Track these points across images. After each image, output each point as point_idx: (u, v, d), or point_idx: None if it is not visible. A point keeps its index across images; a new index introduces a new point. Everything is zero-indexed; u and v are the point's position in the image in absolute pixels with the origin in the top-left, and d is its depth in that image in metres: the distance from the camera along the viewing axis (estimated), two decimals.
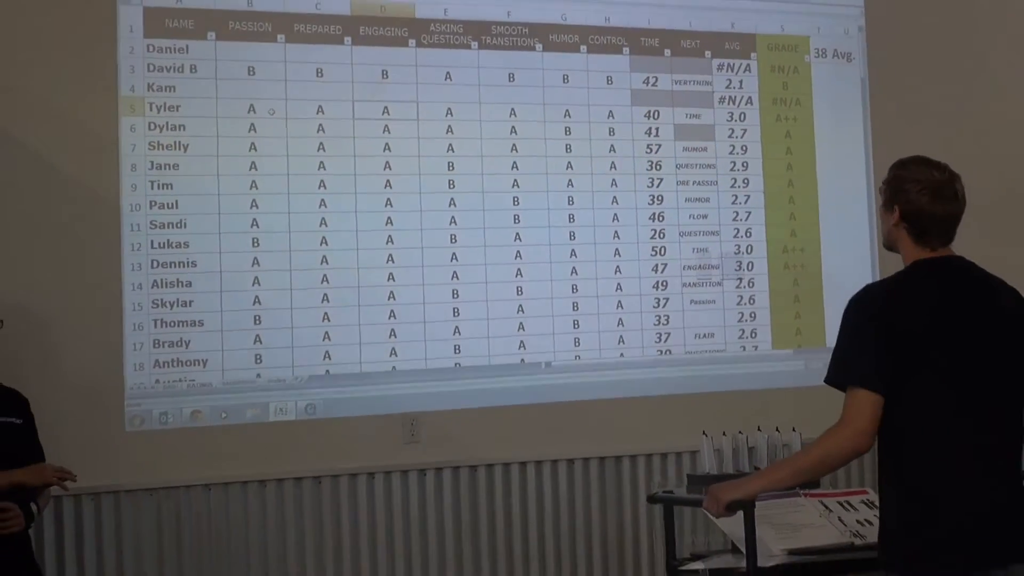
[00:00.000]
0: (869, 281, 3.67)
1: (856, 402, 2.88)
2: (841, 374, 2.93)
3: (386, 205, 4.61)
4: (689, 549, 4.23)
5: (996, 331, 2.98)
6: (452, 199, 4.72)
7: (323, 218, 4.56)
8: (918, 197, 2.95)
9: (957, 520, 2.83)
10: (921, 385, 2.90)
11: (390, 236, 4.58)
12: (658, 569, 4.54)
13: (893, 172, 3.07)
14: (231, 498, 4.38)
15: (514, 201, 4.83)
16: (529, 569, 4.89)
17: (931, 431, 2.90)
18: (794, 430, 4.00)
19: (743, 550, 3.35)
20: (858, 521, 3.53)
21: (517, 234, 4.83)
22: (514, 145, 4.83)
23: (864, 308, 3.00)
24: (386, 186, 4.61)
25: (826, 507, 3.62)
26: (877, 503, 3.12)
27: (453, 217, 4.69)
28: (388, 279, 4.59)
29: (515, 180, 4.84)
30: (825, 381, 2.94)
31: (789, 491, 3.50)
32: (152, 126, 4.28)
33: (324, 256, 4.53)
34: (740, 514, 3.24)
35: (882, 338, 2.89)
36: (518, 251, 4.81)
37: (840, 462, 3.08)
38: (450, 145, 4.71)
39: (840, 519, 3.57)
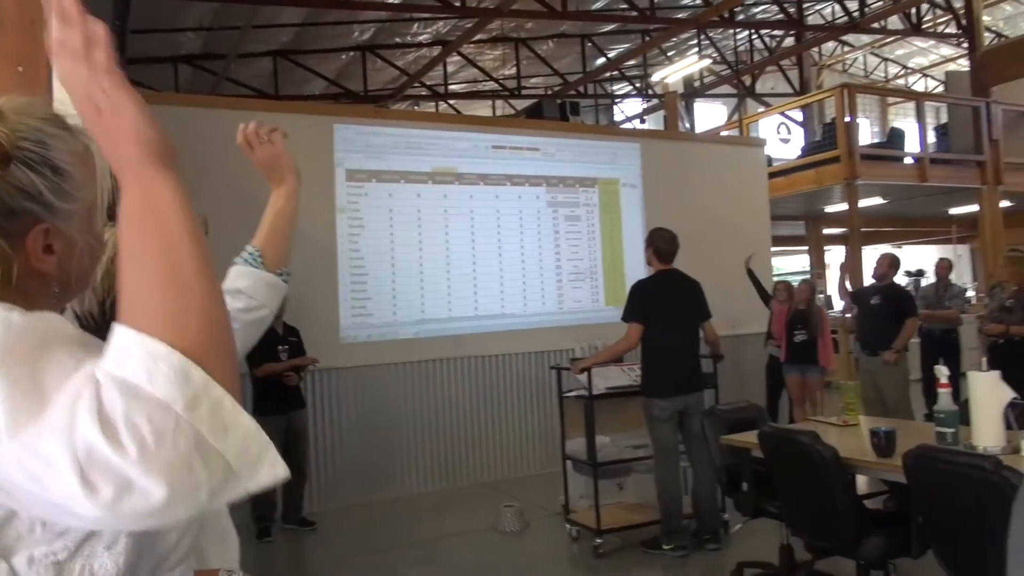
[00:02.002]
0: (641, 277, 4.83)
1: (632, 328, 4.31)
2: (627, 316, 4.38)
3: (445, 249, 6.31)
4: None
5: (687, 296, 4.43)
6: (473, 240, 6.40)
7: (420, 250, 6.21)
8: (659, 243, 4.42)
9: (670, 373, 4.26)
10: (656, 320, 4.26)
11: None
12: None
13: (649, 234, 4.58)
14: (381, 374, 5.98)
15: (497, 239, 6.51)
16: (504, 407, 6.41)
17: (660, 338, 4.27)
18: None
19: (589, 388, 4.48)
20: (638, 374, 4.55)
21: (500, 253, 6.49)
22: (499, 222, 6.55)
23: (636, 289, 4.46)
24: (445, 238, 6.31)
25: (622, 370, 4.72)
26: (639, 368, 4.44)
27: (474, 251, 6.39)
28: (447, 281, 6.32)
29: (498, 235, 6.53)
30: (621, 319, 4.45)
31: (611, 363, 4.63)
32: (349, 218, 5.98)
33: (420, 271, 6.21)
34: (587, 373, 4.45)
35: (643, 301, 4.32)
36: (499, 264, 6.50)
37: (626, 352, 4.46)
38: (472, 223, 6.46)
39: (629, 374, 4.67)
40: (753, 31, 13.70)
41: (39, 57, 1.51)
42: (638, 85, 15.42)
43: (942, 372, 3.10)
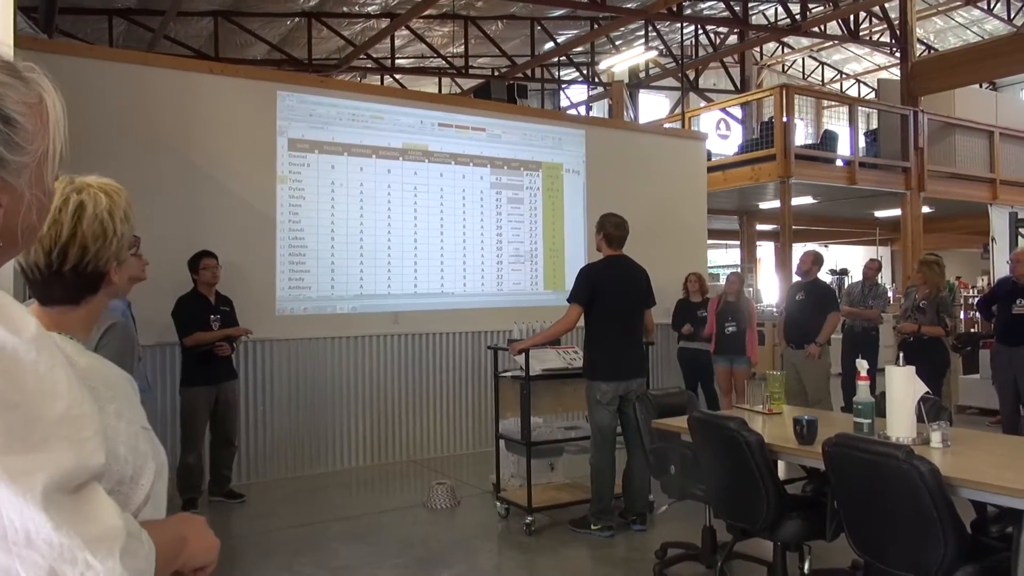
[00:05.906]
0: (587, 262, 5.09)
1: (573, 309, 4.30)
2: (572, 297, 4.36)
3: (387, 226, 6.17)
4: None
5: (634, 283, 4.37)
6: (416, 217, 6.31)
7: (361, 225, 6.10)
8: (610, 228, 4.36)
9: (616, 358, 4.25)
10: (603, 304, 4.24)
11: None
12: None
13: (600, 219, 4.45)
14: (317, 348, 5.91)
15: (440, 218, 6.45)
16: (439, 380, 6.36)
17: (607, 322, 4.26)
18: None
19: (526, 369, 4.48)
20: (574, 357, 4.68)
21: (442, 231, 6.46)
22: (442, 201, 6.50)
23: (585, 272, 4.42)
24: (387, 214, 6.20)
25: (558, 352, 4.74)
26: (581, 351, 4.50)
27: (416, 228, 6.32)
28: (387, 258, 6.24)
29: (441, 215, 6.48)
30: (567, 300, 4.43)
31: (548, 346, 4.64)
32: (290, 188, 5.87)
33: (361, 246, 6.10)
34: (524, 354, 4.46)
35: (590, 285, 4.27)
36: (442, 243, 6.47)
37: (564, 333, 4.47)
38: (415, 200, 6.36)
39: (565, 357, 4.71)
40: (699, 26, 13.90)
41: None
42: (585, 72, 15.49)
43: (863, 366, 3.26)
